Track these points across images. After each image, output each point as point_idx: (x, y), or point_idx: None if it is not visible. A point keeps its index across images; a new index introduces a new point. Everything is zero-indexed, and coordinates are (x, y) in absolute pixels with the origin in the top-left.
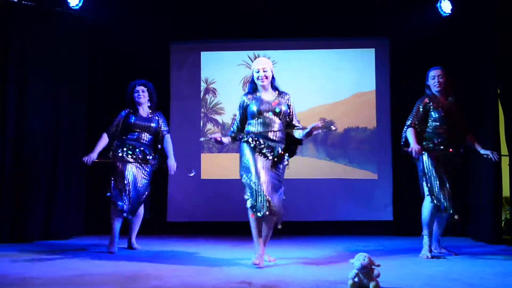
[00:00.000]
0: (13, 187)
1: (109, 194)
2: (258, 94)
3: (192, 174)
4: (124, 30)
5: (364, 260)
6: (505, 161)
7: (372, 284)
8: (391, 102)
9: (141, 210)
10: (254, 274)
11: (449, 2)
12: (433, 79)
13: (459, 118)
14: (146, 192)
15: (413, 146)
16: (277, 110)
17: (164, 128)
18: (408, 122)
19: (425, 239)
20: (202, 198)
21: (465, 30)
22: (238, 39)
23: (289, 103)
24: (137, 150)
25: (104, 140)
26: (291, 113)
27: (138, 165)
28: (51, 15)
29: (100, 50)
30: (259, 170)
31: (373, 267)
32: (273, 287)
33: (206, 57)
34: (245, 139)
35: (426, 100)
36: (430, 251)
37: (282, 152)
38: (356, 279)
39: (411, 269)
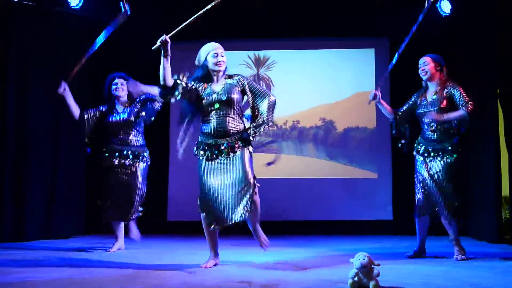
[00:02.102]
0: (13, 187)
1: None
2: (209, 84)
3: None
4: (124, 30)
5: (363, 259)
6: (505, 160)
7: (372, 284)
8: (391, 102)
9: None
10: (254, 274)
11: (448, 2)
12: (419, 67)
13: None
14: (139, 193)
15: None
16: (224, 98)
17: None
18: None
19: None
20: None
21: (465, 30)
22: (238, 39)
23: (243, 84)
24: (124, 153)
25: (78, 110)
26: (250, 97)
27: (127, 169)
28: (51, 15)
29: (100, 50)
30: (210, 187)
31: (372, 266)
32: (273, 286)
33: None
34: (196, 152)
35: (415, 95)
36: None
37: (235, 145)
38: (356, 279)
39: (411, 269)
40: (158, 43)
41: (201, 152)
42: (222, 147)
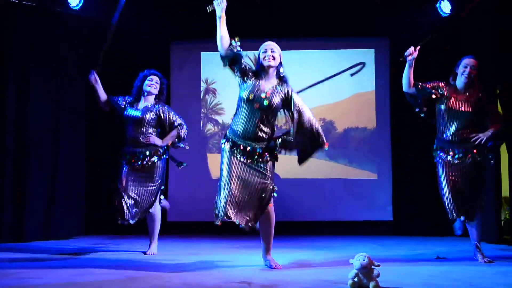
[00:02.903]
0: (13, 187)
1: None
2: (258, 79)
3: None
4: (124, 30)
5: (363, 260)
6: (505, 160)
7: (371, 284)
8: (391, 102)
9: (156, 211)
10: (253, 274)
11: (448, 2)
12: (465, 67)
13: (485, 114)
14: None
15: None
16: (265, 103)
17: (173, 118)
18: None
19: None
20: (202, 198)
21: (465, 29)
22: (239, 39)
23: (287, 94)
24: (136, 156)
25: (104, 96)
26: (291, 109)
27: (141, 169)
28: (51, 15)
29: (100, 50)
30: (231, 179)
31: (372, 267)
32: (273, 287)
33: (206, 57)
34: (223, 140)
35: (442, 83)
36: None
37: (264, 153)
38: (355, 279)
39: (411, 269)
40: (214, 3)
41: (227, 147)
42: (248, 150)
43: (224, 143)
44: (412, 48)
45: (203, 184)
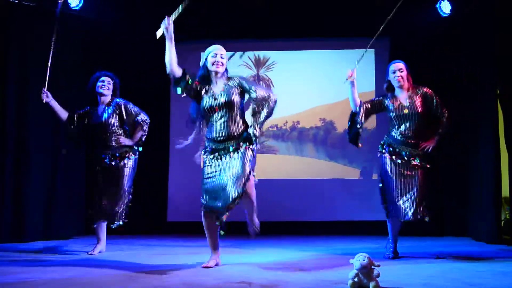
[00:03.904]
0: (13, 187)
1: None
2: (209, 85)
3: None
4: (124, 31)
5: (364, 260)
6: (505, 160)
7: (372, 284)
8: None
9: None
10: (254, 274)
11: (448, 2)
12: (393, 73)
13: (427, 111)
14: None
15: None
16: (222, 101)
17: (132, 111)
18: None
19: None
20: None
21: (465, 30)
22: (238, 39)
23: (240, 85)
24: (106, 158)
25: (64, 114)
26: (247, 93)
27: (110, 171)
28: (51, 15)
29: (100, 50)
30: (210, 179)
31: (372, 267)
32: (273, 287)
33: None
34: (203, 152)
35: (384, 96)
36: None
37: (239, 146)
38: (356, 279)
39: (411, 269)
40: (162, 27)
41: (210, 156)
42: (227, 150)
43: (203, 154)
44: (349, 71)
45: None
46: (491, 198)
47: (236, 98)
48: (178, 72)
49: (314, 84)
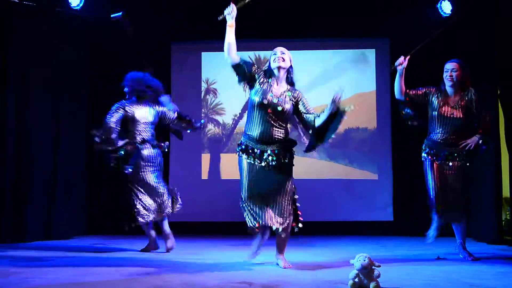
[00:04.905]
0: (13, 187)
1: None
2: (269, 82)
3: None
4: (125, 31)
5: (364, 260)
6: (505, 160)
7: (372, 285)
8: (392, 103)
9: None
10: (254, 274)
11: (449, 2)
12: (446, 72)
13: (473, 117)
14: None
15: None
16: (279, 108)
17: None
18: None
19: None
20: (202, 198)
21: (465, 30)
22: (239, 39)
23: (298, 99)
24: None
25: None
26: (301, 109)
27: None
28: (51, 15)
29: (100, 50)
30: (249, 184)
31: (373, 267)
32: (273, 287)
33: (207, 57)
34: (238, 149)
35: (433, 89)
36: None
37: (280, 153)
38: (356, 280)
39: (411, 269)
40: (225, 12)
41: (244, 155)
42: (266, 154)
43: (239, 152)
44: (402, 58)
45: (203, 184)
46: (492, 198)
47: (288, 107)
48: (236, 58)
49: (315, 84)
